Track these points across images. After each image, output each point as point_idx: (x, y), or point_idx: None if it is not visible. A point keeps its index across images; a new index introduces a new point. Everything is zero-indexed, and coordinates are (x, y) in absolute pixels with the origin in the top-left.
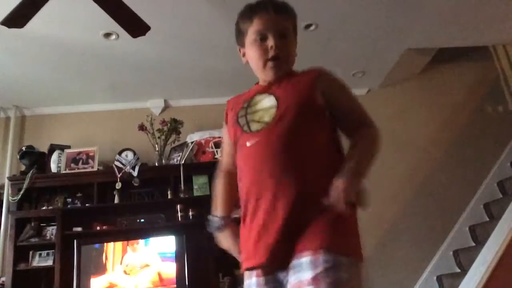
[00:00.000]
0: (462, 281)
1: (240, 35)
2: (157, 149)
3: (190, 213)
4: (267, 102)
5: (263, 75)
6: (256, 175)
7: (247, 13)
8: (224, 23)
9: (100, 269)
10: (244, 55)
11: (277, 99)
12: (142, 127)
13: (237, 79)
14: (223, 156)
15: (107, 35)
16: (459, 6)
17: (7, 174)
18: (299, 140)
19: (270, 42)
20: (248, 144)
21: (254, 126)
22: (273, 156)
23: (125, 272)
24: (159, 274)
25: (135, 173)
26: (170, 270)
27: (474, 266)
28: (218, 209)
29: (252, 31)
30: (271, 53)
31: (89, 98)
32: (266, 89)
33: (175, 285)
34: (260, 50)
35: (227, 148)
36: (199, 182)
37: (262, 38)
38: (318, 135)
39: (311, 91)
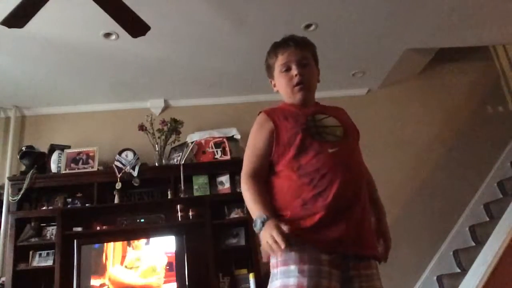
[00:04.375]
0: (462, 281)
1: (269, 69)
2: (157, 149)
3: (190, 213)
4: (332, 121)
5: (292, 99)
6: (346, 176)
7: (273, 50)
8: (224, 23)
9: (100, 269)
10: (274, 85)
11: (339, 121)
12: (142, 127)
13: (237, 79)
14: (256, 160)
15: (107, 35)
16: (459, 6)
17: (7, 174)
18: (358, 153)
19: (294, 71)
20: (330, 150)
21: (330, 138)
22: (353, 161)
23: (126, 267)
24: (159, 274)
25: (135, 173)
26: (170, 270)
27: (474, 266)
28: (263, 209)
29: (278, 64)
30: (295, 80)
31: (89, 98)
32: (320, 111)
33: (175, 285)
34: (286, 79)
35: (263, 153)
36: (199, 182)
37: (287, 69)
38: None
39: (353, 124)
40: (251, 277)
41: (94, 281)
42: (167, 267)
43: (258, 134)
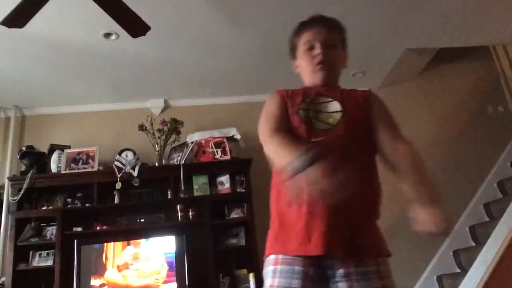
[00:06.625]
0: (462, 281)
1: (293, 50)
2: (157, 149)
3: (190, 213)
4: (332, 106)
5: (312, 80)
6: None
7: (298, 29)
8: (224, 23)
9: (100, 269)
10: (296, 66)
11: (342, 105)
12: (142, 127)
13: (237, 79)
14: (273, 119)
15: (107, 35)
16: (459, 6)
17: (7, 174)
18: (356, 145)
19: (317, 50)
20: (313, 139)
21: (319, 125)
22: (340, 153)
23: (118, 268)
24: (159, 274)
25: (135, 173)
26: (170, 270)
27: (474, 266)
28: (303, 147)
29: (301, 43)
30: (317, 59)
31: (89, 98)
32: (327, 94)
33: (175, 285)
34: (309, 58)
35: (281, 113)
36: (199, 182)
37: (310, 48)
38: (366, 145)
39: (367, 110)
40: (251, 277)
41: (94, 281)
42: (167, 267)
43: (269, 103)
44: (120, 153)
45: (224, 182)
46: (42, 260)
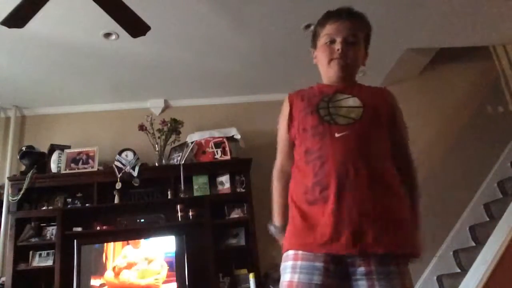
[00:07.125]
0: (462, 281)
1: (314, 38)
2: (157, 149)
3: (190, 213)
4: (351, 102)
5: (328, 74)
6: (353, 164)
7: (323, 18)
8: (224, 23)
9: (100, 269)
10: (315, 57)
11: (362, 101)
12: (142, 127)
13: (237, 79)
14: (281, 154)
15: (107, 35)
16: (459, 6)
17: (7, 174)
18: (379, 139)
19: (337, 45)
20: (337, 135)
21: (341, 120)
22: (364, 147)
23: (113, 269)
24: (159, 274)
25: (135, 173)
26: (170, 270)
27: (474, 266)
28: (277, 218)
29: (323, 34)
30: (335, 55)
31: (89, 98)
32: (345, 90)
33: (175, 285)
34: (327, 51)
35: (285, 143)
36: (199, 182)
37: (331, 41)
38: (387, 140)
39: (386, 107)
40: (251, 277)
41: (94, 281)
42: (167, 267)
43: (280, 123)
44: (120, 153)
45: (224, 182)
46: (42, 260)
